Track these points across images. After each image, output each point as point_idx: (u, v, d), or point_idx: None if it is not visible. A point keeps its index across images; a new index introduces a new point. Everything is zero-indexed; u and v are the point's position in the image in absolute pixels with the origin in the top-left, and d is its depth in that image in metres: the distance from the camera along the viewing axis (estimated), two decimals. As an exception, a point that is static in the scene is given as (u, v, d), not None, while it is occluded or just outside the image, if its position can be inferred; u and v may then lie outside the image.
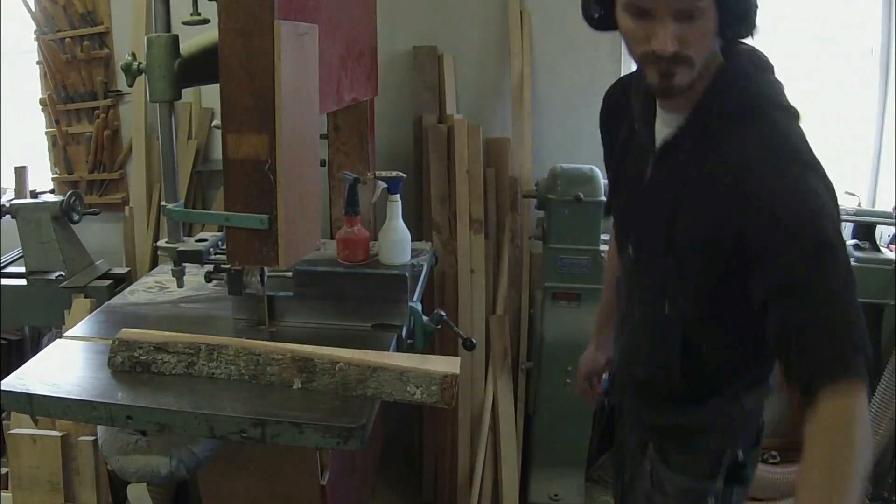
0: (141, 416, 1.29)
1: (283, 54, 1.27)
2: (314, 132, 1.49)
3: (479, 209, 2.57)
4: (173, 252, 1.61)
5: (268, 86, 1.27)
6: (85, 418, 1.35)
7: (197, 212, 2.57)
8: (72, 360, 1.50)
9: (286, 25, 1.28)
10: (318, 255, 1.82)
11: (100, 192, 2.88)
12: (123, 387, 1.36)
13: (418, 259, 1.88)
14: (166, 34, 1.43)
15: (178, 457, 1.46)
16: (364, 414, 1.28)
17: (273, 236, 1.34)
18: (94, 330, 1.65)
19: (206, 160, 2.85)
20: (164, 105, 1.47)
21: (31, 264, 2.26)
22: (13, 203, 2.27)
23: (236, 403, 1.30)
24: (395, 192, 1.84)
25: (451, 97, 2.68)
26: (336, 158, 2.22)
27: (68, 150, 2.84)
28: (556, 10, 2.73)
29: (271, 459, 1.66)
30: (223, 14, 1.27)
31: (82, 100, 2.79)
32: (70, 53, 2.73)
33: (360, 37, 1.92)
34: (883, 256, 2.51)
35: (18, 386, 1.35)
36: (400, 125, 2.82)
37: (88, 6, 2.73)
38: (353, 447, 1.25)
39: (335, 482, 1.76)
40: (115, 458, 1.48)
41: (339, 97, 1.72)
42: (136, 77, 1.47)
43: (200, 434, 1.31)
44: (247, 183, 1.33)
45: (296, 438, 1.25)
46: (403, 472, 2.87)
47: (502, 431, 2.52)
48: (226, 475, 1.71)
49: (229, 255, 1.40)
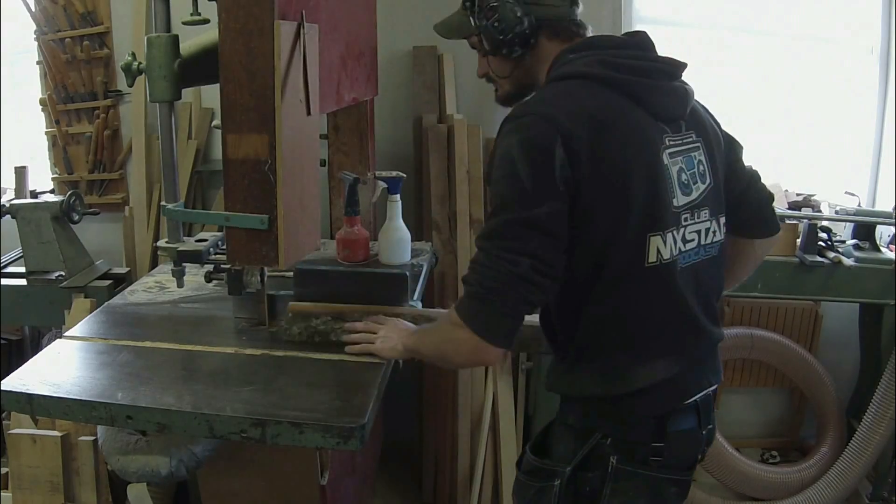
0: (141, 416, 1.29)
1: (283, 54, 1.27)
2: (314, 132, 1.49)
3: (479, 209, 2.57)
4: (173, 252, 1.61)
5: (268, 86, 1.27)
6: (85, 418, 1.35)
7: (197, 212, 2.57)
8: (72, 360, 1.50)
9: (286, 25, 1.28)
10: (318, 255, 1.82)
11: (100, 192, 2.88)
12: (123, 387, 1.36)
13: (418, 259, 1.88)
14: (166, 34, 1.43)
15: (178, 457, 1.46)
16: (364, 414, 1.28)
17: (273, 236, 1.34)
18: (94, 330, 1.65)
19: (206, 160, 2.85)
20: (164, 105, 1.47)
21: (31, 264, 2.26)
22: (13, 203, 2.27)
23: (236, 403, 1.30)
24: (395, 192, 1.84)
25: (451, 97, 2.68)
26: (336, 158, 2.22)
27: (68, 150, 2.84)
28: (556, 10, 2.73)
29: (271, 459, 1.66)
30: (223, 14, 1.27)
31: (82, 100, 2.79)
32: (70, 53, 2.73)
33: (360, 37, 1.92)
34: (883, 256, 2.51)
35: (18, 386, 1.35)
36: (400, 125, 2.82)
37: (88, 6, 2.72)
38: (353, 447, 1.25)
39: (335, 482, 1.76)
40: (115, 458, 1.48)
41: (339, 97, 1.72)
42: (136, 77, 1.47)
43: (200, 434, 1.31)
44: (247, 183, 1.33)
45: (296, 438, 1.25)
46: (403, 472, 2.87)
47: (502, 431, 2.52)
48: (226, 475, 1.71)
49: (229, 255, 1.40)
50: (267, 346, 1.58)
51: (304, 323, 1.59)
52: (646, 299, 1.26)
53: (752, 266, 1.57)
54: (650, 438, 1.29)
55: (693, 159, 1.31)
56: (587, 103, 1.22)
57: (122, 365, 1.46)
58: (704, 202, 1.32)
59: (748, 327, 2.82)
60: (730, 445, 2.70)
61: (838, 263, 2.43)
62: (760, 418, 3.11)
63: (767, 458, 3.00)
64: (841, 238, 2.60)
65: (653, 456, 1.29)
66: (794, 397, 3.05)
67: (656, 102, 1.27)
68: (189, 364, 1.52)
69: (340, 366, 1.50)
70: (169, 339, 1.61)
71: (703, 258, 1.33)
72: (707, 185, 1.33)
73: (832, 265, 2.43)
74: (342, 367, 1.49)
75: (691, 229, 1.29)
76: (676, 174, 1.27)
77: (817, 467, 2.70)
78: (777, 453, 3.02)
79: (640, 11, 2.85)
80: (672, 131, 1.29)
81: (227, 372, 1.46)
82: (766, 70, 2.95)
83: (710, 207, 1.33)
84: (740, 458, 2.70)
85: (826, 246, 2.49)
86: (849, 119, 3.00)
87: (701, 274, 1.32)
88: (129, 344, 1.57)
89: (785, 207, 2.70)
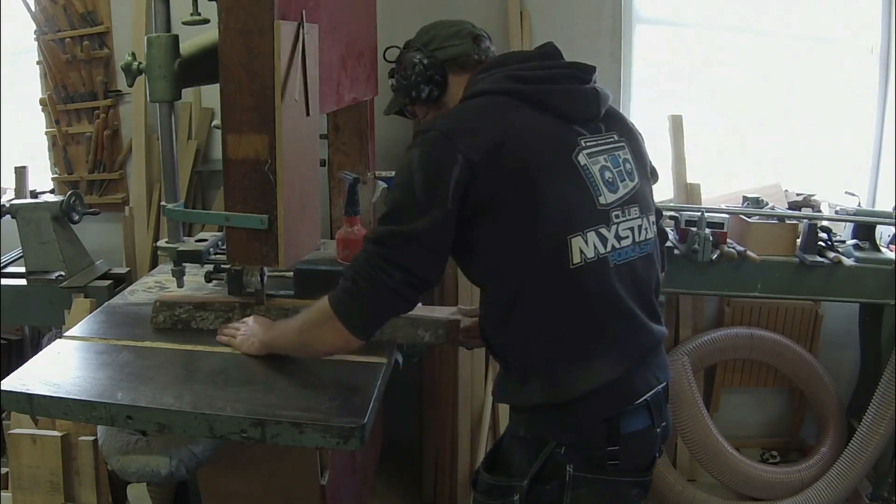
0: (141, 416, 1.29)
1: (283, 54, 1.27)
2: (314, 132, 1.49)
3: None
4: (173, 252, 1.61)
5: (268, 86, 1.28)
6: (85, 418, 1.35)
7: (197, 212, 2.57)
8: (72, 360, 1.50)
9: (286, 25, 1.28)
10: (318, 255, 1.82)
11: (100, 192, 2.88)
12: (123, 387, 1.36)
13: (418, 259, 1.88)
14: (166, 34, 1.43)
15: (178, 457, 1.46)
16: (364, 414, 1.28)
17: (273, 236, 1.34)
18: (94, 330, 1.65)
19: (206, 160, 2.85)
20: (164, 105, 1.47)
21: (31, 264, 2.26)
22: (13, 203, 2.27)
23: (236, 403, 1.30)
24: (395, 192, 1.84)
25: (451, 97, 2.68)
26: (336, 158, 2.22)
27: (68, 150, 2.84)
28: (556, 11, 2.74)
29: (271, 459, 1.66)
30: (223, 14, 1.27)
31: (82, 100, 2.79)
32: (70, 53, 2.73)
33: (360, 37, 1.92)
34: (883, 256, 2.51)
35: (18, 386, 1.35)
36: (400, 125, 2.81)
37: (88, 6, 2.72)
38: (353, 447, 1.25)
39: (335, 482, 1.76)
40: (115, 458, 1.48)
41: (339, 97, 1.72)
42: (136, 77, 1.47)
43: (200, 434, 1.31)
44: (247, 183, 1.33)
45: (296, 438, 1.25)
46: (403, 472, 2.87)
47: (502, 432, 2.51)
48: (226, 475, 1.71)
49: (229, 255, 1.40)
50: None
51: (169, 311, 1.65)
52: (578, 301, 1.26)
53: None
54: (604, 443, 1.28)
55: (618, 158, 1.35)
56: (490, 118, 1.27)
57: (122, 365, 1.46)
58: (633, 199, 1.35)
59: (748, 327, 2.82)
60: (730, 445, 2.70)
61: (838, 263, 2.43)
62: (760, 418, 3.11)
63: (767, 458, 3.00)
64: (841, 238, 2.60)
65: (609, 460, 1.28)
66: (794, 397, 3.05)
67: (566, 106, 1.31)
68: (189, 364, 1.52)
69: (340, 366, 1.50)
70: (169, 339, 1.61)
71: (640, 255, 1.34)
72: (634, 184, 1.36)
73: (832, 265, 2.43)
74: (342, 367, 1.49)
75: (624, 226, 1.31)
76: (599, 172, 1.30)
77: (817, 467, 2.70)
78: (777, 453, 3.02)
79: (640, 11, 2.85)
80: (589, 132, 1.33)
81: (227, 372, 1.46)
82: (766, 70, 2.95)
83: (639, 205, 1.36)
84: (740, 458, 2.70)
85: (826, 246, 2.49)
86: (849, 119, 3.00)
87: (637, 271, 1.33)
88: (129, 344, 1.57)
89: (785, 207, 2.71)
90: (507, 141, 1.25)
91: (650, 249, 1.38)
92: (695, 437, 2.64)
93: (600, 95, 1.37)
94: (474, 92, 1.35)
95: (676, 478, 2.70)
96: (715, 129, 3.02)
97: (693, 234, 2.39)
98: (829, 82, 2.98)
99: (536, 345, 1.28)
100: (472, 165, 1.22)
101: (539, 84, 1.31)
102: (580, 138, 1.30)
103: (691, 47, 2.93)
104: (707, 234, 2.38)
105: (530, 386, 1.30)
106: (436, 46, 1.44)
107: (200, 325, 1.65)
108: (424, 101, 1.46)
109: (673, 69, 2.92)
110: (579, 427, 1.28)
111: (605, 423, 1.28)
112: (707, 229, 2.39)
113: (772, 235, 2.48)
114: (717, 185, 2.93)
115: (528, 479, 1.29)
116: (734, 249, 2.43)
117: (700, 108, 2.95)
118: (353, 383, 1.43)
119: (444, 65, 1.43)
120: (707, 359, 2.79)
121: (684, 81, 2.93)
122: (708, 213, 2.44)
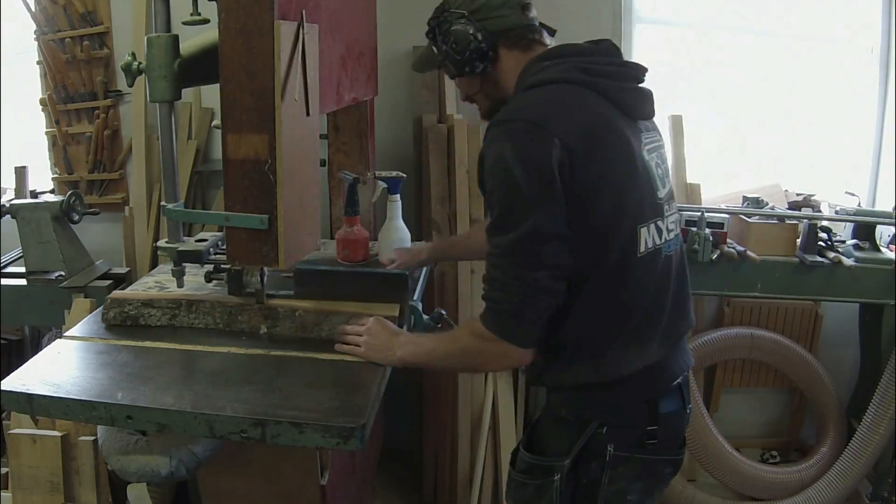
0: (141, 416, 1.29)
1: (283, 54, 1.27)
2: (314, 132, 1.49)
3: (479, 209, 2.57)
4: (173, 252, 1.61)
5: (268, 86, 1.28)
6: (85, 418, 1.35)
7: (197, 212, 2.57)
8: (72, 360, 1.50)
9: (286, 25, 1.28)
10: (318, 255, 1.82)
11: (100, 192, 2.88)
12: (123, 387, 1.36)
13: (418, 259, 1.88)
14: (166, 34, 1.43)
15: (178, 457, 1.46)
16: (364, 414, 1.28)
17: (273, 236, 1.34)
18: (94, 330, 1.65)
19: (206, 160, 2.85)
20: (164, 105, 1.47)
21: (31, 264, 2.26)
22: (13, 203, 2.27)
23: (236, 403, 1.30)
24: (395, 192, 1.84)
25: (451, 97, 2.68)
26: (336, 158, 2.22)
27: (68, 150, 2.84)
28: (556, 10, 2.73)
29: (271, 459, 1.66)
30: (223, 14, 1.27)
31: (82, 100, 2.79)
32: (70, 53, 2.73)
33: (360, 37, 1.92)
34: (883, 256, 2.51)
35: (18, 386, 1.35)
36: (400, 125, 2.82)
37: (88, 6, 2.73)
38: (353, 447, 1.25)
39: (335, 482, 1.76)
40: (115, 458, 1.48)
41: (339, 97, 1.72)
42: (136, 77, 1.47)
43: (200, 434, 1.31)
44: (247, 183, 1.33)
45: (296, 438, 1.25)
46: (403, 472, 2.87)
47: (502, 431, 2.52)
48: (226, 475, 1.71)
49: (229, 255, 1.40)
50: (267, 346, 1.58)
51: (119, 308, 1.68)
52: (640, 287, 1.31)
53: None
54: (645, 422, 1.34)
55: (662, 156, 1.41)
56: (574, 107, 1.27)
57: (122, 365, 1.46)
58: (672, 195, 1.41)
59: (748, 327, 2.82)
60: (730, 445, 2.70)
61: (838, 263, 2.43)
62: (760, 418, 3.11)
63: (767, 458, 3.00)
64: (841, 238, 2.60)
65: (649, 440, 1.34)
66: (794, 397, 3.05)
67: (630, 104, 1.34)
68: (189, 364, 1.52)
69: (340, 366, 1.50)
70: (169, 339, 1.61)
71: (677, 247, 1.41)
72: (670, 181, 1.42)
73: (832, 265, 2.43)
74: (342, 367, 1.49)
75: (671, 219, 1.38)
76: (655, 168, 1.35)
77: (817, 467, 2.70)
78: (777, 453, 3.02)
79: (640, 11, 2.85)
80: (645, 130, 1.37)
81: (227, 372, 1.46)
82: (766, 70, 2.95)
83: (675, 201, 1.43)
84: (740, 458, 2.70)
85: (826, 246, 2.49)
86: (849, 119, 3.00)
87: (678, 262, 1.41)
88: (128, 344, 1.57)
89: (785, 207, 2.71)
90: (596, 128, 1.26)
91: (682, 243, 1.46)
92: (695, 436, 2.64)
93: (652, 96, 1.42)
94: (545, 79, 1.31)
95: (676, 478, 2.69)
96: (715, 129, 3.01)
97: (693, 233, 2.39)
98: (829, 82, 2.98)
99: (595, 326, 1.32)
100: (569, 150, 1.21)
101: (609, 79, 1.32)
102: (641, 134, 1.35)
103: (691, 47, 2.93)
104: (707, 234, 2.38)
105: (580, 366, 1.33)
106: (485, 16, 1.37)
107: (148, 321, 1.67)
108: (470, 73, 1.41)
109: (673, 69, 2.92)
110: (622, 407, 1.34)
111: (646, 404, 1.35)
112: (707, 229, 2.40)
113: (772, 235, 2.48)
114: (717, 185, 2.93)
115: (569, 459, 1.34)
116: (734, 249, 2.43)
117: (700, 108, 2.95)
118: (353, 383, 1.42)
119: (495, 37, 1.38)
120: (707, 359, 2.79)
121: (684, 81, 2.93)
122: (708, 213, 2.44)
